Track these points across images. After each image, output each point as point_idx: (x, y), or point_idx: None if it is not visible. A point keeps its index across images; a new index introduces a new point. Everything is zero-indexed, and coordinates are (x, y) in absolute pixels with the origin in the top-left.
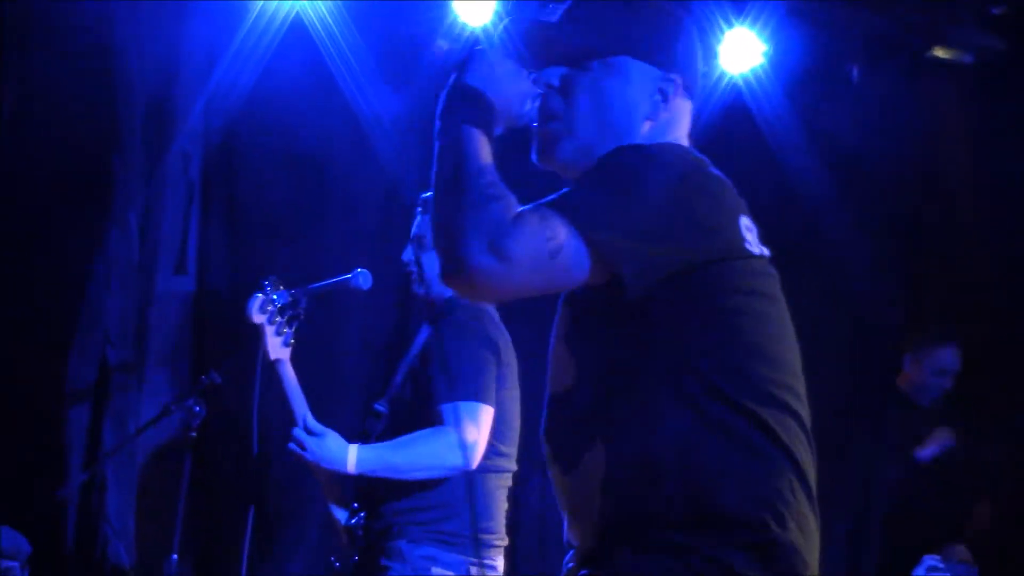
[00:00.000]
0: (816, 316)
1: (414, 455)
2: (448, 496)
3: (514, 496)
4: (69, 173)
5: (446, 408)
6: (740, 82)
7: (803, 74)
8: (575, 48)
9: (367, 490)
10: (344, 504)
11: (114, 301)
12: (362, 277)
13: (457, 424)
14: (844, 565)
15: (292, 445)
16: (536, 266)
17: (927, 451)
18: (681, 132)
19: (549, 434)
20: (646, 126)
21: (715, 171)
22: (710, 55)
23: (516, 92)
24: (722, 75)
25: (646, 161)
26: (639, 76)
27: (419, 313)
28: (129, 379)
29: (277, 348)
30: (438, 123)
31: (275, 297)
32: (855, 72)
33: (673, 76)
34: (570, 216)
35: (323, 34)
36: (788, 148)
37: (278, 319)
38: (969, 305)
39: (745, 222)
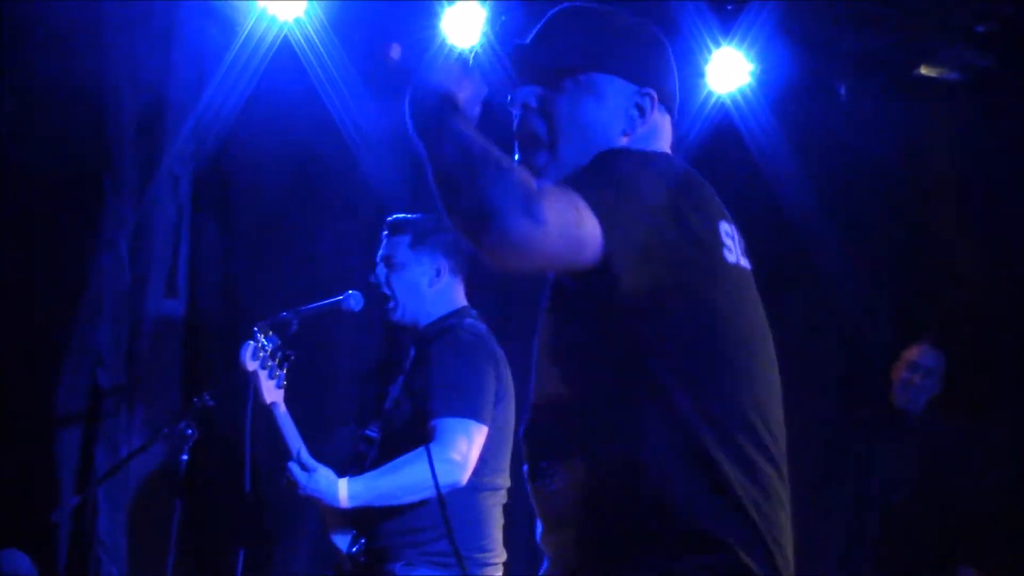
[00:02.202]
0: (806, 332)
1: (402, 480)
2: (440, 516)
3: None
4: (58, 194)
5: (437, 424)
6: (728, 101)
7: (790, 92)
8: (549, 67)
9: (364, 515)
10: (346, 531)
11: (105, 324)
12: (353, 299)
13: (447, 441)
14: None
15: (285, 481)
16: (566, 232)
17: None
18: (662, 144)
19: (530, 439)
20: (623, 140)
21: (699, 178)
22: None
23: (474, 90)
24: (710, 95)
25: (637, 163)
26: (614, 92)
27: (402, 335)
28: (120, 402)
29: (271, 391)
30: (413, 122)
31: (265, 342)
32: (842, 90)
33: (648, 90)
34: (582, 195)
35: (310, 54)
36: (776, 166)
37: (270, 363)
38: (959, 319)
39: (726, 228)
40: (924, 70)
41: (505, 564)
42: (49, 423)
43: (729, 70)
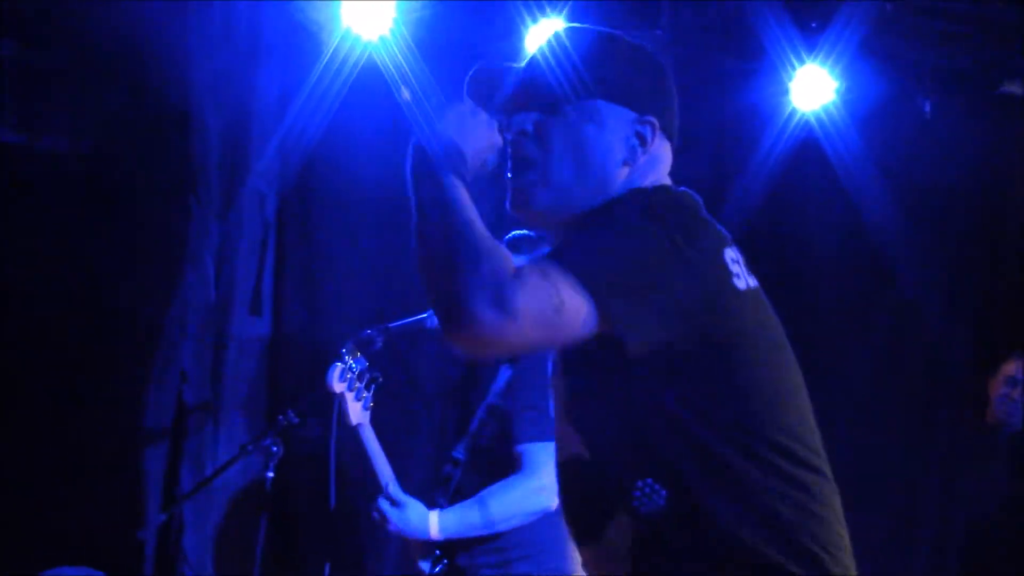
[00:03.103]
0: (889, 348)
1: (493, 512)
2: (521, 538)
3: None
4: (145, 212)
5: (524, 449)
6: (812, 119)
7: (875, 110)
8: (548, 93)
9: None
10: (429, 556)
11: (190, 341)
12: None
13: (534, 467)
14: None
15: (376, 515)
16: (542, 320)
17: None
18: (661, 173)
19: (566, 503)
20: (624, 171)
21: (699, 209)
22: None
23: (486, 142)
24: (794, 112)
25: (634, 214)
26: (615, 120)
27: None
28: (206, 419)
29: (357, 413)
30: (411, 176)
31: (353, 364)
32: (927, 107)
33: (649, 119)
34: (570, 271)
35: (395, 74)
36: (860, 183)
37: (358, 385)
38: None
39: (731, 255)
40: (1008, 87)
41: None
42: (134, 440)
43: (813, 87)
